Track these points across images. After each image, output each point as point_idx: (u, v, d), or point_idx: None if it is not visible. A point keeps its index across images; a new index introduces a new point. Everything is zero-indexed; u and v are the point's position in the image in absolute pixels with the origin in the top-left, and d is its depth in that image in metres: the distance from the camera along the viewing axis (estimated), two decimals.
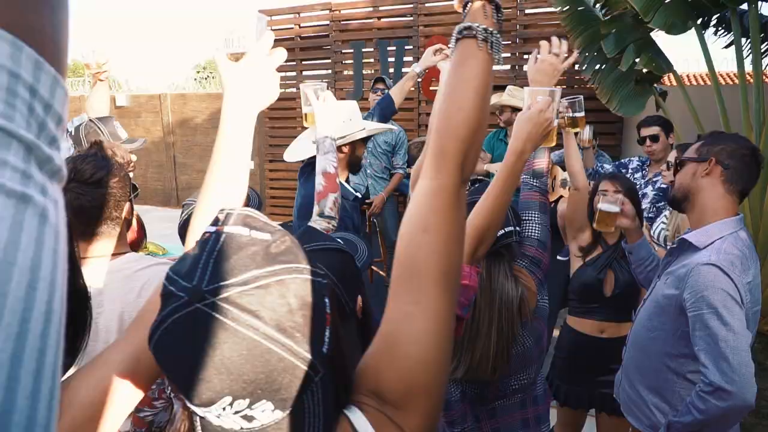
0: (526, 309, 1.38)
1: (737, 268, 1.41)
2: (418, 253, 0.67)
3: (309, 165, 2.22)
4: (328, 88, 1.61)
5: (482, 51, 0.72)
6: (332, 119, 1.50)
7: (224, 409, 0.52)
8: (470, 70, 0.71)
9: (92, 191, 1.19)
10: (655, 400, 1.61)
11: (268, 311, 0.51)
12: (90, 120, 1.85)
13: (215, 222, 0.56)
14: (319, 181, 1.46)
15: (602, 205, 1.95)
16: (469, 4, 0.76)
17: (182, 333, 0.50)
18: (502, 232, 1.33)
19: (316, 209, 1.42)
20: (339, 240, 0.92)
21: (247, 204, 2.16)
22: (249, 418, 0.53)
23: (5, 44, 0.27)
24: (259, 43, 0.91)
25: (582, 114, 2.05)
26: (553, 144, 1.44)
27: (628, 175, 3.18)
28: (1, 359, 0.23)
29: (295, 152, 2.26)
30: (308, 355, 0.53)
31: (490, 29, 0.73)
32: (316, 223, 1.39)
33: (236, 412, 0.53)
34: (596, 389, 2.09)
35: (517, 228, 1.41)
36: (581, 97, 2.08)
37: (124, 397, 0.72)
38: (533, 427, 1.49)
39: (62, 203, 0.30)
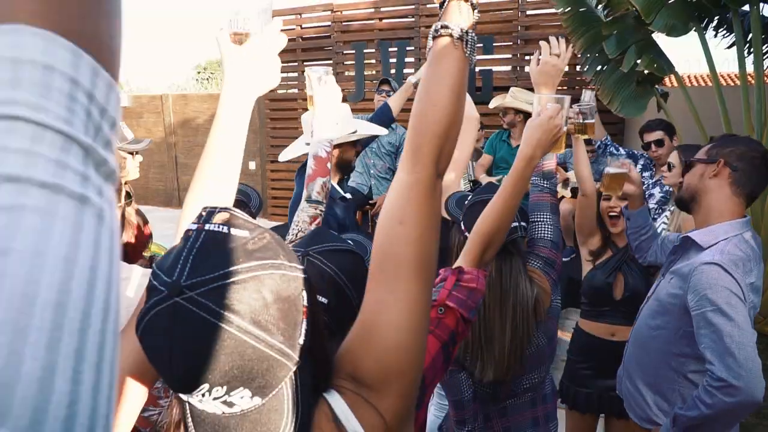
0: (542, 309, 1.38)
1: (740, 268, 1.42)
2: (394, 244, 0.70)
3: (305, 165, 2.23)
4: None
5: (457, 50, 0.73)
6: (331, 103, 1.49)
7: (203, 395, 0.55)
8: (445, 68, 0.73)
9: None
10: (655, 397, 1.62)
11: (244, 306, 0.54)
12: None
13: (198, 219, 0.59)
14: (310, 165, 1.44)
15: (609, 168, 1.96)
16: (446, 2, 0.77)
17: (162, 325, 0.53)
18: None
19: (304, 194, 1.41)
20: (349, 241, 0.93)
21: (247, 204, 2.16)
22: (229, 404, 0.56)
23: (67, 52, 0.29)
24: (265, 29, 0.92)
25: (593, 121, 2.06)
26: (562, 150, 1.45)
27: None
28: (66, 352, 0.25)
29: (288, 152, 2.28)
30: (284, 347, 0.56)
31: (466, 28, 0.74)
32: (304, 211, 1.38)
33: (215, 398, 0.56)
34: (606, 392, 2.09)
35: (523, 224, 1.42)
36: (594, 104, 2.09)
37: (135, 391, 0.73)
38: (543, 425, 1.50)
39: (115, 204, 0.31)
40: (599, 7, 4.33)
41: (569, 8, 4.35)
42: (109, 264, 0.29)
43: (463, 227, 1.42)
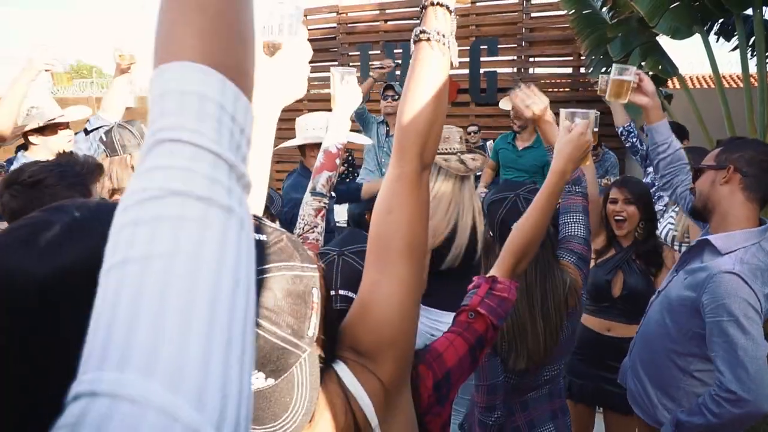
0: (574, 297, 1.43)
1: (758, 279, 1.42)
2: (384, 231, 0.78)
3: (293, 171, 2.64)
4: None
5: (435, 53, 0.80)
6: (351, 104, 1.54)
7: None
8: (424, 71, 0.80)
9: (27, 192, 1.17)
10: (660, 395, 1.64)
11: (257, 304, 0.59)
12: (118, 124, 1.90)
13: None
14: (319, 159, 1.49)
15: (613, 76, 1.87)
16: (424, 8, 0.82)
17: None
18: None
19: (310, 185, 1.46)
20: None
21: (268, 206, 2.21)
22: None
23: (216, 82, 0.35)
24: (295, 39, 0.95)
25: (596, 129, 2.09)
26: (588, 163, 1.48)
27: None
28: (219, 342, 0.30)
29: (292, 141, 2.39)
30: (293, 339, 0.62)
31: (442, 32, 0.80)
32: (309, 204, 1.42)
33: None
34: (600, 383, 2.13)
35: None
36: (598, 113, 2.13)
37: None
38: (561, 418, 1.54)
39: (250, 211, 0.37)
40: (604, 9, 4.38)
41: (574, 10, 4.40)
42: (248, 265, 0.33)
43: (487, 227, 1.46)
